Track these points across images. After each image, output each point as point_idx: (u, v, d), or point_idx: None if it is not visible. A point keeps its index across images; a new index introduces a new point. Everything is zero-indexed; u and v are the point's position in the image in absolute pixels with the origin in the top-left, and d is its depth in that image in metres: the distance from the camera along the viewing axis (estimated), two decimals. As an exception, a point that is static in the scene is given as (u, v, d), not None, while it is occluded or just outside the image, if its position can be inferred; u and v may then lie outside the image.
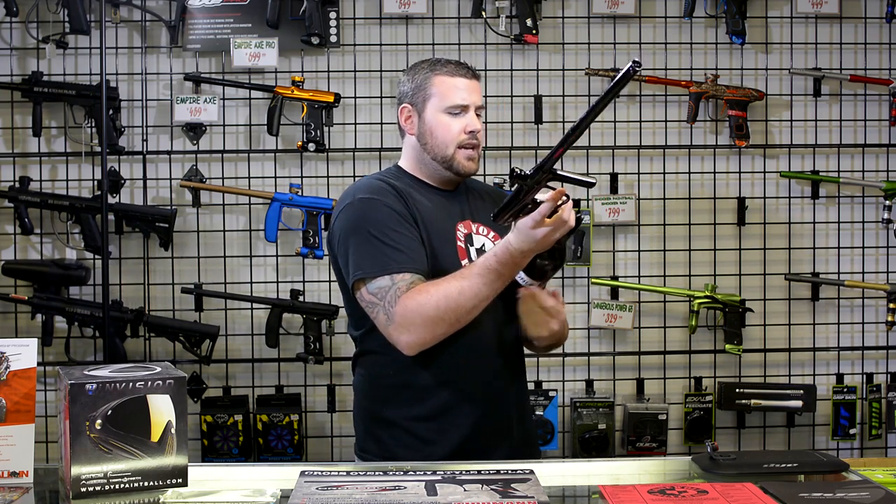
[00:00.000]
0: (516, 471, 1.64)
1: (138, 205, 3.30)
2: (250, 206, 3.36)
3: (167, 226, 3.26)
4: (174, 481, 1.58)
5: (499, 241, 1.93)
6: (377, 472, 1.64)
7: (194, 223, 3.35)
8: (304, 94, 3.26)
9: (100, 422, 1.53)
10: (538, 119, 3.38)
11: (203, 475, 1.67)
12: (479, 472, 1.64)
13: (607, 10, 3.36)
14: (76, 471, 1.52)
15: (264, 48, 3.26)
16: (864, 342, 3.49)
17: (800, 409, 3.39)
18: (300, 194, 3.27)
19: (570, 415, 3.40)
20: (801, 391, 3.38)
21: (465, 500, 1.48)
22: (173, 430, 1.57)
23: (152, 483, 1.56)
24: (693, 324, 3.37)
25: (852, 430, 3.44)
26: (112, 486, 1.54)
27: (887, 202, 3.37)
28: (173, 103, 3.27)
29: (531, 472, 1.64)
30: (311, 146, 3.27)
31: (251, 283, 3.35)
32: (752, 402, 3.37)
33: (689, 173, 3.45)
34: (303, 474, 1.63)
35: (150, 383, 1.56)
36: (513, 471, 1.65)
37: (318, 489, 1.54)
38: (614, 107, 3.41)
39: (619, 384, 3.46)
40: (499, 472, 1.64)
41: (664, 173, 3.45)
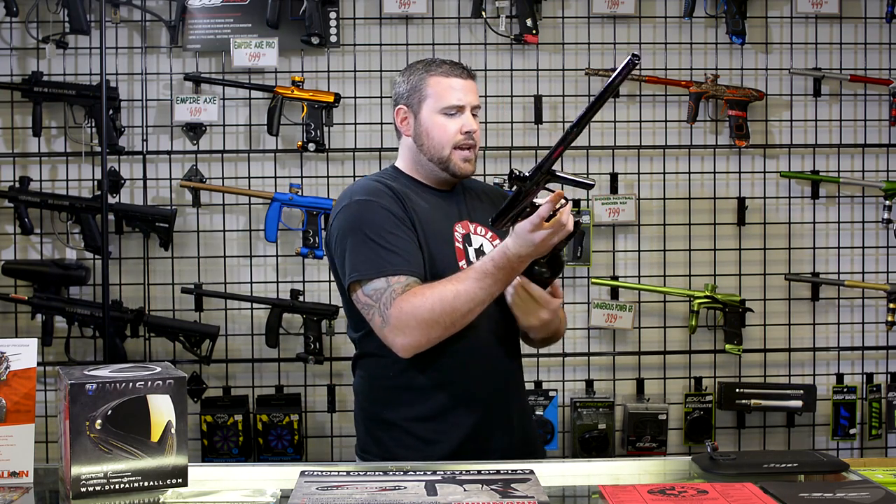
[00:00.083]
0: (516, 471, 1.64)
1: (138, 205, 3.30)
2: (250, 206, 3.36)
3: (167, 226, 3.26)
4: (174, 481, 1.58)
5: (497, 246, 1.93)
6: (377, 472, 1.64)
7: (194, 223, 3.35)
8: (304, 94, 3.26)
9: (100, 422, 1.53)
10: (538, 119, 3.38)
11: (203, 475, 1.67)
12: (479, 472, 1.64)
13: (607, 10, 3.36)
14: (76, 471, 1.52)
15: (264, 48, 3.25)
16: (864, 342, 3.49)
17: (800, 409, 3.39)
18: (300, 194, 3.27)
19: (570, 415, 3.40)
20: (801, 391, 3.38)
21: (465, 500, 1.48)
22: (173, 430, 1.57)
23: (152, 483, 1.56)
24: (693, 324, 3.37)
25: (852, 430, 3.44)
26: (112, 486, 1.54)
27: (887, 202, 3.37)
28: (173, 103, 3.27)
29: (531, 472, 1.64)
30: (311, 146, 3.27)
31: (251, 283, 3.35)
32: (752, 402, 3.37)
33: (689, 173, 3.45)
34: (303, 474, 1.63)
35: (150, 383, 1.56)
36: (513, 471, 1.65)
37: (318, 489, 1.54)
38: (614, 107, 3.41)
39: (619, 384, 3.46)
40: (499, 472, 1.64)
41: (664, 173, 3.45)
